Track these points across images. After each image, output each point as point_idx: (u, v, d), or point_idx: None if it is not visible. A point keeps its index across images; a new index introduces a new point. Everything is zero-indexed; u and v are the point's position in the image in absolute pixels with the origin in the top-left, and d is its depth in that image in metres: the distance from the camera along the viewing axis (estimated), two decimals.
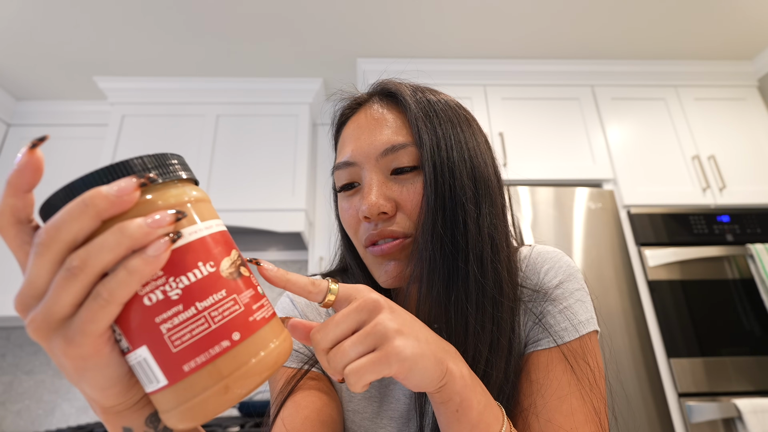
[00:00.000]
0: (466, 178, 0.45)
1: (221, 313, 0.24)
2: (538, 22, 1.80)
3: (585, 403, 0.42)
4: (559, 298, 0.47)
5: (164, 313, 0.23)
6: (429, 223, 0.43)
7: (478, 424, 0.34)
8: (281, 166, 1.93)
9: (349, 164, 0.48)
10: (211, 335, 0.24)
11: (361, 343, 0.30)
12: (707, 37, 1.90)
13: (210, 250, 0.25)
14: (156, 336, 0.23)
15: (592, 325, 0.47)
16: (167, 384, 0.24)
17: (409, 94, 0.49)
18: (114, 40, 1.80)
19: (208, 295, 0.24)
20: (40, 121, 2.10)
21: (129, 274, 0.22)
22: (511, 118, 1.90)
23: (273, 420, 0.45)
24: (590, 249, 1.59)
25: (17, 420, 1.89)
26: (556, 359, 0.44)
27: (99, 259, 0.22)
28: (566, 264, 0.51)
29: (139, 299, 0.23)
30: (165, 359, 0.23)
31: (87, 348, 0.22)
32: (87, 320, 0.22)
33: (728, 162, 1.84)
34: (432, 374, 0.32)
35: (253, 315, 0.26)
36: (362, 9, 1.70)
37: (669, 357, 1.48)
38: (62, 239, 0.22)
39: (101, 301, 0.22)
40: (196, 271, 0.24)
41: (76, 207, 0.22)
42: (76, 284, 0.22)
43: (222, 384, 0.24)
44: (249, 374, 0.25)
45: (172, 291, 0.24)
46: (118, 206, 0.23)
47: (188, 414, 0.24)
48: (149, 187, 0.25)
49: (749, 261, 1.61)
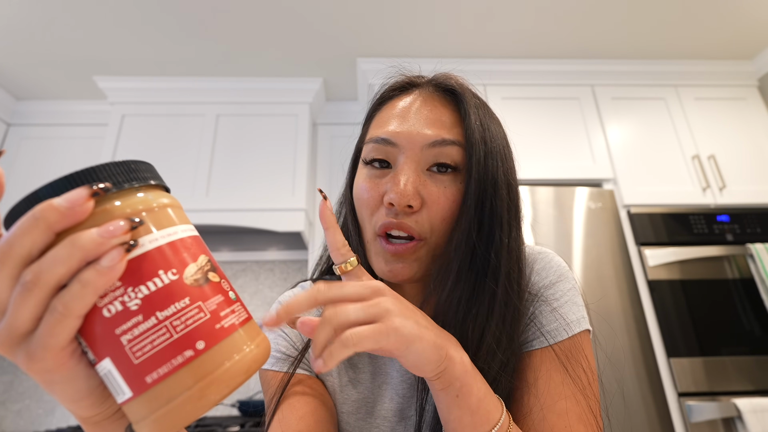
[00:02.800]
0: (505, 197, 0.44)
1: (184, 322, 0.24)
2: (538, 22, 1.80)
3: (578, 403, 0.42)
4: (550, 299, 0.48)
5: (123, 325, 0.23)
6: (463, 233, 0.43)
7: (478, 410, 0.35)
8: (281, 166, 1.93)
9: (388, 142, 0.47)
10: (174, 345, 0.23)
11: (363, 311, 0.31)
12: (707, 37, 1.90)
13: (171, 257, 0.25)
14: (117, 348, 0.23)
15: (584, 325, 0.47)
16: (132, 396, 0.23)
17: (469, 98, 0.48)
18: (113, 40, 1.80)
19: (170, 303, 0.24)
20: (40, 121, 2.10)
21: (83, 287, 0.21)
22: (511, 117, 1.89)
23: (269, 423, 0.45)
24: (590, 249, 1.59)
25: (17, 420, 1.89)
26: (549, 359, 0.44)
27: (52, 273, 0.21)
28: (557, 264, 0.51)
29: (99, 311, 0.23)
30: (127, 371, 0.23)
31: (49, 362, 0.22)
32: (46, 335, 0.22)
33: (728, 162, 1.84)
34: (430, 357, 0.33)
35: (220, 322, 0.25)
36: (362, 9, 1.70)
37: (669, 357, 1.48)
38: (16, 254, 0.22)
39: (57, 315, 0.21)
40: (156, 279, 0.24)
41: (27, 221, 0.22)
42: (31, 299, 0.21)
43: (187, 394, 0.23)
44: (218, 381, 0.24)
45: (131, 301, 0.23)
46: (69, 218, 0.22)
47: (158, 424, 0.23)
48: (110, 195, 0.24)
49: (749, 261, 1.61)
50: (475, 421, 0.35)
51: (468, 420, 0.35)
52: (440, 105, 0.48)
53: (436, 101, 0.49)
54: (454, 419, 0.35)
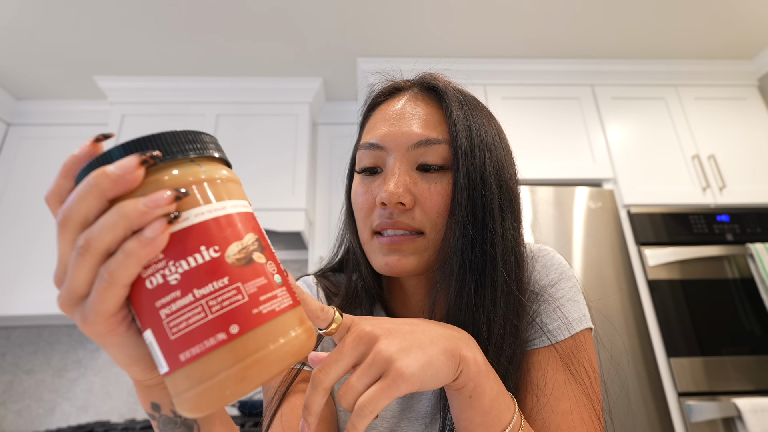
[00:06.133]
0: (495, 188, 0.45)
1: (220, 303, 0.23)
2: (538, 22, 1.80)
3: (580, 403, 0.42)
4: (551, 297, 0.48)
5: (163, 298, 0.23)
6: (460, 226, 0.43)
7: (490, 411, 0.35)
8: (281, 166, 1.93)
9: (376, 147, 0.48)
10: (207, 326, 0.22)
11: (366, 375, 0.30)
12: (707, 37, 1.90)
13: (215, 233, 0.24)
14: (157, 321, 0.23)
15: (585, 323, 0.47)
16: (168, 371, 0.23)
17: (452, 95, 0.48)
18: (113, 40, 1.80)
19: (208, 282, 0.23)
20: (40, 121, 2.10)
21: (126, 257, 0.22)
22: (511, 117, 1.90)
23: (270, 420, 0.45)
24: (590, 248, 1.59)
25: (17, 419, 1.89)
26: (551, 358, 0.44)
27: (100, 239, 0.22)
28: (558, 262, 0.51)
29: (143, 282, 0.23)
30: (165, 346, 0.23)
31: (100, 327, 0.23)
32: (97, 300, 0.22)
33: (728, 161, 1.84)
34: (447, 371, 0.32)
35: (258, 307, 0.24)
36: (362, 8, 1.70)
37: (669, 356, 1.48)
38: (73, 219, 0.22)
39: (104, 282, 0.22)
40: (198, 255, 0.23)
41: (83, 187, 0.22)
42: (84, 264, 0.22)
43: (224, 374, 0.22)
44: (258, 364, 0.23)
45: (171, 275, 0.23)
46: (120, 185, 0.22)
47: (193, 402, 0.23)
48: (164, 165, 0.24)
49: (749, 260, 1.61)
50: (487, 422, 0.35)
51: (480, 420, 0.35)
52: (424, 104, 0.49)
53: (421, 101, 0.50)
54: (465, 419, 0.35)
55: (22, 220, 1.90)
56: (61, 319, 1.92)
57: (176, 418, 0.31)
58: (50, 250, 1.86)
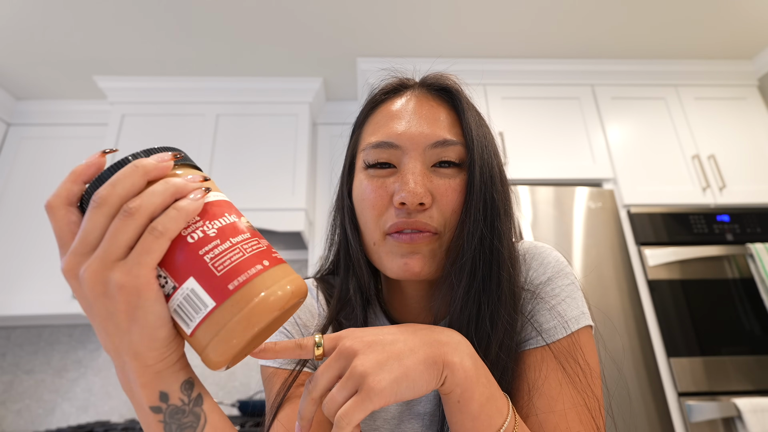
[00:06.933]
0: (499, 186, 0.47)
1: (251, 246, 0.30)
2: (538, 22, 1.80)
3: (577, 403, 0.41)
4: (548, 296, 0.47)
5: (206, 246, 0.28)
6: (473, 222, 0.44)
7: (479, 416, 0.35)
8: (281, 166, 1.93)
9: (391, 145, 0.47)
10: (247, 261, 0.29)
11: (344, 388, 0.32)
12: (707, 37, 1.90)
13: (231, 207, 0.32)
14: (201, 266, 0.28)
15: (584, 321, 0.46)
16: (214, 306, 0.27)
17: (463, 97, 0.50)
18: (113, 40, 1.80)
19: (238, 234, 0.30)
20: (40, 121, 2.10)
21: (178, 212, 0.27)
22: (511, 117, 1.90)
23: (270, 422, 0.45)
24: (590, 248, 1.59)
25: (17, 419, 1.89)
26: (547, 358, 0.44)
27: (151, 201, 0.27)
28: (555, 259, 0.50)
29: (183, 239, 0.28)
30: (211, 284, 0.28)
31: (142, 279, 0.26)
32: (143, 252, 0.26)
33: (728, 161, 1.84)
34: (426, 379, 0.33)
35: (273, 254, 0.31)
36: (362, 8, 1.70)
37: (669, 356, 1.48)
38: (117, 194, 0.27)
39: (156, 233, 0.26)
40: (226, 217, 0.30)
41: (129, 168, 0.28)
42: (131, 224, 0.26)
43: (265, 292, 0.28)
44: (291, 282, 0.30)
45: (210, 230, 0.29)
46: (159, 169, 0.29)
47: (234, 331, 0.27)
48: (179, 166, 0.32)
49: (749, 260, 1.61)
50: (476, 427, 0.35)
51: (469, 425, 0.35)
52: (436, 104, 0.49)
53: (432, 101, 0.50)
54: (455, 422, 0.35)
55: (22, 220, 1.90)
56: (61, 319, 1.92)
57: (185, 405, 0.31)
58: (50, 250, 1.86)
